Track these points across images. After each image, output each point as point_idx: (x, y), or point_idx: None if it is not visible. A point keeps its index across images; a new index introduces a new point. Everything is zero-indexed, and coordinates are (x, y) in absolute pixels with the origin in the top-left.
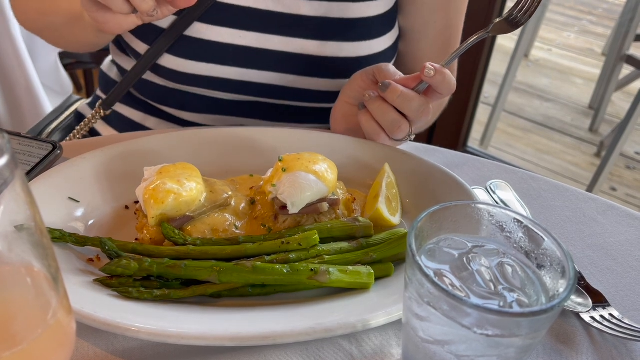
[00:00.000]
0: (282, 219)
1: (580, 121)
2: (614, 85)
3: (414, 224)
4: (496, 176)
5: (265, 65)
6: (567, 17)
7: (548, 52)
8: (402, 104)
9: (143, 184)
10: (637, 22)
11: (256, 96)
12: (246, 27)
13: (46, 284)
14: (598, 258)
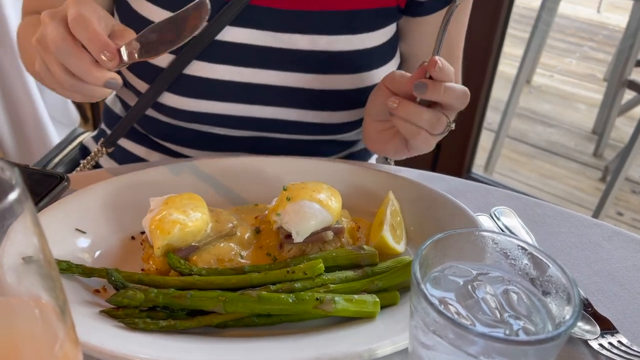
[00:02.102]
0: (287, 248)
1: (584, 146)
2: (616, 110)
3: (418, 252)
4: (500, 203)
5: (266, 100)
6: (568, 43)
7: (550, 78)
8: (441, 98)
9: (149, 215)
10: (637, 48)
11: (258, 131)
12: (245, 64)
13: (54, 315)
14: (605, 284)
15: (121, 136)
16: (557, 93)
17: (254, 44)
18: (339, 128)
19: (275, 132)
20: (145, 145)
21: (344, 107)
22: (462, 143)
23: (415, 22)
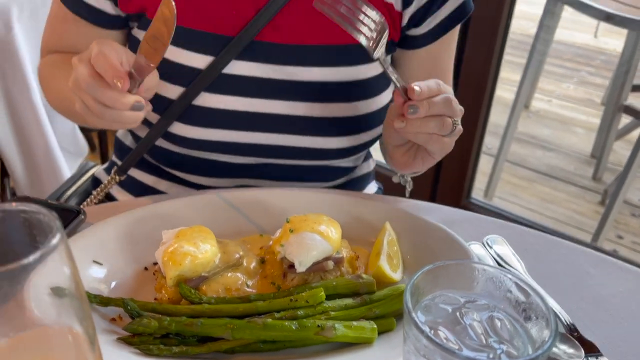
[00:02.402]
0: (290, 277)
1: (584, 170)
2: (613, 135)
3: (410, 282)
4: (493, 231)
5: (270, 127)
6: (565, 68)
7: (548, 102)
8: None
9: (162, 248)
10: (632, 73)
11: (262, 157)
12: (249, 95)
13: (85, 344)
14: (591, 310)
15: (132, 165)
16: (556, 118)
17: (258, 76)
18: (339, 153)
19: (278, 157)
20: (153, 173)
21: (344, 133)
22: (461, 168)
23: (408, 54)
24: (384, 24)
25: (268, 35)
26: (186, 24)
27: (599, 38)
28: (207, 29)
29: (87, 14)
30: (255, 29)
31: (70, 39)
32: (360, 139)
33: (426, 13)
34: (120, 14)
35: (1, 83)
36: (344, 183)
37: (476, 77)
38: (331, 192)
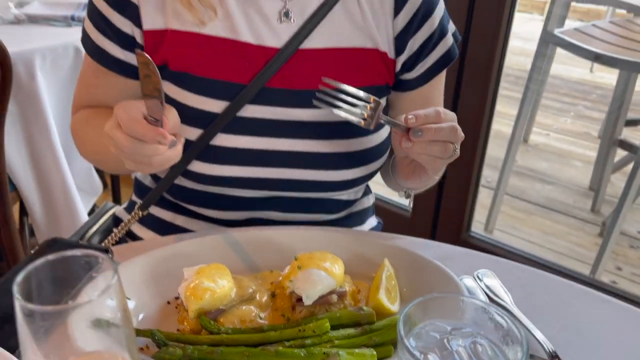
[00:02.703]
0: (298, 310)
1: (582, 202)
2: (610, 168)
3: (403, 313)
4: (483, 266)
5: (281, 163)
6: (562, 103)
7: (546, 136)
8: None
9: (184, 284)
10: (625, 108)
11: (272, 190)
12: (262, 134)
13: None
14: (572, 337)
15: (153, 202)
16: (554, 151)
17: (268, 118)
18: (343, 185)
19: (287, 190)
20: (171, 209)
21: (348, 166)
22: (460, 202)
23: (402, 95)
24: (377, 102)
25: (276, 82)
26: (205, 74)
27: (594, 73)
28: (223, 78)
29: (115, 65)
30: (265, 77)
31: (100, 91)
32: (363, 171)
33: (417, 60)
34: None
35: (23, 126)
36: (346, 216)
37: (473, 112)
38: (335, 231)
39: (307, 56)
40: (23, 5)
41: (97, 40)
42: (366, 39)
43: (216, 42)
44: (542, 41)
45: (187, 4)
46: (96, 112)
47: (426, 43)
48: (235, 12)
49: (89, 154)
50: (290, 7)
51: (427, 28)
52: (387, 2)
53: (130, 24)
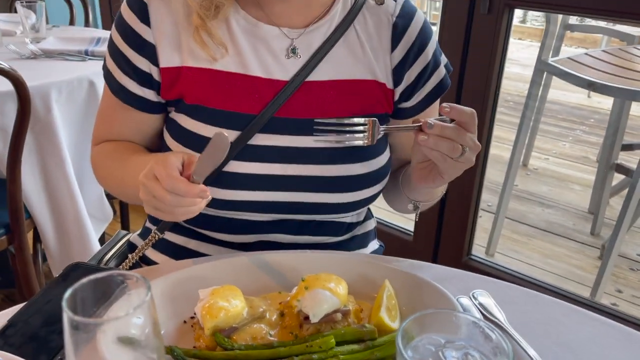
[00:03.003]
0: (305, 327)
1: (582, 225)
2: (608, 192)
3: (400, 327)
4: (478, 286)
5: (288, 187)
6: (561, 127)
7: (546, 161)
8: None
9: (200, 304)
10: (621, 133)
11: (283, 213)
12: (271, 161)
13: None
14: (561, 352)
15: (169, 227)
16: (553, 175)
17: (277, 145)
18: (347, 207)
19: (295, 213)
20: (183, 234)
21: (354, 189)
22: (460, 226)
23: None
24: (373, 121)
25: (284, 112)
26: (218, 107)
27: (592, 98)
28: (235, 110)
29: (134, 102)
30: (274, 108)
31: (119, 125)
32: (366, 193)
33: (413, 90)
34: (160, 101)
35: (39, 157)
36: (350, 238)
37: None
38: (339, 254)
39: (312, 88)
40: (39, 41)
41: (118, 77)
42: (366, 71)
43: (228, 76)
44: (537, 69)
45: (200, 42)
46: (116, 146)
47: (421, 74)
48: (246, 49)
49: (108, 186)
50: (297, 45)
51: (422, 60)
52: (384, 38)
53: (148, 62)
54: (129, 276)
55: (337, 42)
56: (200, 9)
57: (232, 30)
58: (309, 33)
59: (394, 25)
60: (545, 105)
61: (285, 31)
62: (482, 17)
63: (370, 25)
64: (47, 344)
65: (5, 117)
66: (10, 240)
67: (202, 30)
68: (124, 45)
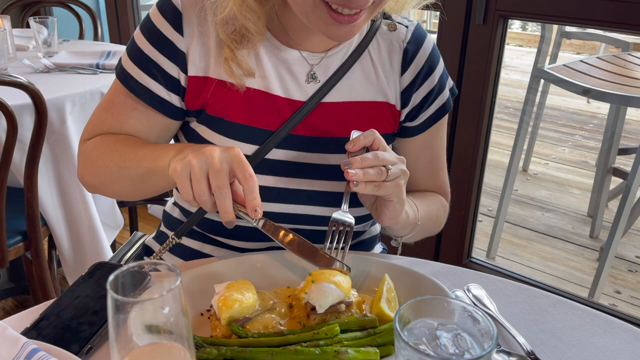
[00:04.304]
0: (312, 318)
1: (581, 229)
2: (606, 195)
3: (397, 311)
4: (472, 280)
5: (301, 200)
6: (560, 133)
7: (545, 165)
8: (367, 164)
9: (216, 297)
10: (618, 137)
11: (294, 224)
12: (285, 175)
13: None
14: (547, 339)
15: (186, 233)
16: (553, 180)
17: (292, 160)
18: (356, 220)
19: (305, 224)
20: (199, 239)
21: (357, 205)
22: (460, 230)
23: (406, 141)
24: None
25: (300, 130)
26: (238, 121)
27: (591, 103)
28: (254, 125)
29: (158, 104)
30: (291, 125)
31: (135, 123)
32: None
33: (419, 111)
34: (183, 107)
35: (54, 167)
36: (356, 244)
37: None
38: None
39: (327, 108)
40: (52, 55)
41: (140, 79)
42: (378, 93)
43: (251, 93)
44: (534, 76)
45: (229, 72)
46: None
47: (427, 97)
48: (269, 71)
49: (96, 177)
50: (316, 70)
51: (429, 84)
52: (395, 62)
53: (178, 69)
54: (161, 265)
55: (353, 66)
56: (232, 43)
57: (258, 54)
58: (327, 58)
59: (405, 50)
60: (544, 111)
61: (305, 55)
62: (477, 27)
63: (383, 50)
64: (78, 334)
65: (23, 128)
66: (27, 246)
67: (232, 61)
68: (152, 50)
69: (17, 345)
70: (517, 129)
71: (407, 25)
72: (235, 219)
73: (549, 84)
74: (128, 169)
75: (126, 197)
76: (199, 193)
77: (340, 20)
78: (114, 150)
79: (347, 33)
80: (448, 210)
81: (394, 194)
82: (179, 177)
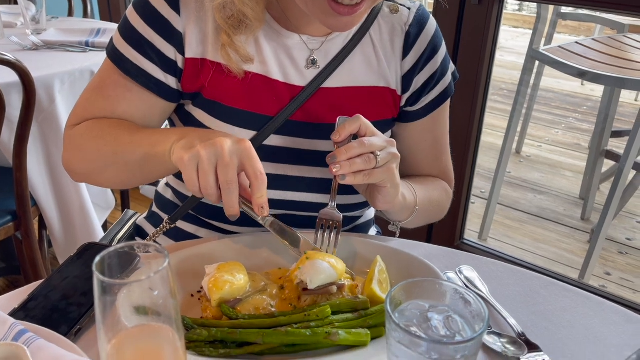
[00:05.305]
0: (303, 299)
1: (572, 211)
2: (598, 178)
3: (388, 293)
4: (464, 262)
5: (295, 187)
6: (554, 115)
7: (538, 148)
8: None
9: (207, 278)
10: (611, 120)
11: (289, 210)
12: (281, 161)
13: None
14: (538, 321)
15: (181, 217)
16: (546, 162)
17: (290, 147)
18: (348, 208)
19: (301, 211)
20: (194, 223)
21: (352, 192)
22: (453, 211)
23: (406, 126)
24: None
25: (299, 116)
26: (236, 105)
27: (585, 85)
28: (252, 110)
29: (154, 86)
30: (290, 111)
31: (128, 105)
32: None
33: (420, 96)
34: (179, 89)
35: (44, 146)
36: (351, 229)
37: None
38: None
39: (327, 94)
40: (40, 32)
41: (135, 60)
42: (380, 78)
43: (250, 77)
44: (529, 57)
45: (227, 59)
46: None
47: (428, 81)
48: (269, 55)
49: (86, 164)
50: (316, 56)
51: (430, 68)
52: (397, 46)
53: (174, 50)
54: (149, 247)
55: (354, 50)
56: (229, 29)
57: (258, 39)
58: (328, 42)
59: (407, 34)
60: (538, 93)
61: (306, 39)
62: (473, 7)
63: (385, 33)
64: (67, 315)
65: (11, 107)
66: (17, 226)
67: (230, 48)
68: (147, 29)
69: (4, 326)
70: (511, 110)
71: (410, 7)
72: (239, 213)
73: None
74: (124, 154)
75: (119, 185)
76: (206, 186)
77: (341, 12)
78: (108, 134)
79: (347, 24)
80: (451, 195)
81: (386, 179)
82: (186, 167)
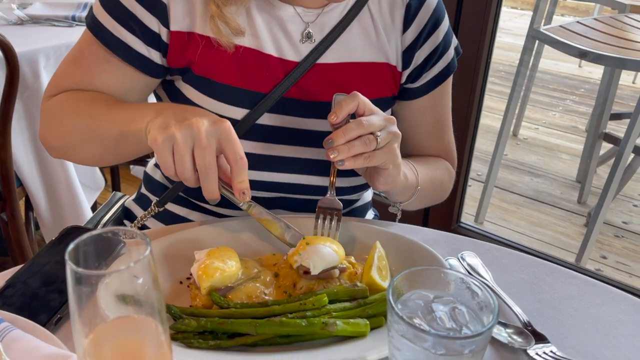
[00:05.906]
0: (299, 287)
1: (569, 194)
2: (595, 161)
3: (391, 283)
4: (466, 248)
5: (293, 168)
6: (551, 97)
7: (535, 130)
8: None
9: (196, 264)
10: (610, 102)
11: (282, 192)
12: (274, 141)
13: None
14: (544, 309)
15: (170, 200)
16: (543, 145)
17: (285, 126)
18: (345, 191)
19: (294, 193)
20: (185, 206)
21: (351, 174)
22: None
23: (407, 104)
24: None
25: (294, 93)
26: (227, 82)
27: (583, 68)
28: (244, 87)
29: (136, 60)
30: (284, 88)
31: (108, 78)
32: (363, 179)
33: (421, 72)
34: (164, 65)
35: (29, 124)
36: (348, 212)
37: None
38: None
39: (323, 70)
40: (26, 7)
41: (116, 32)
42: (379, 53)
43: (241, 52)
44: (529, 37)
45: (216, 32)
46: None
47: (430, 56)
48: (261, 28)
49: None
50: (311, 29)
51: (432, 42)
52: (397, 18)
53: (157, 22)
54: (129, 233)
55: (351, 23)
56: None
57: (249, 10)
58: (324, 14)
59: (408, 5)
60: (536, 74)
61: (300, 11)
62: None
63: (384, 5)
64: (46, 303)
65: None
66: (2, 207)
67: (219, 19)
68: (130, 0)
69: None
70: (509, 92)
71: None
72: (219, 197)
73: (542, 46)
74: (98, 130)
75: (94, 162)
76: (182, 170)
77: None
78: (83, 109)
79: None
80: (454, 175)
81: (387, 160)
82: (160, 149)
